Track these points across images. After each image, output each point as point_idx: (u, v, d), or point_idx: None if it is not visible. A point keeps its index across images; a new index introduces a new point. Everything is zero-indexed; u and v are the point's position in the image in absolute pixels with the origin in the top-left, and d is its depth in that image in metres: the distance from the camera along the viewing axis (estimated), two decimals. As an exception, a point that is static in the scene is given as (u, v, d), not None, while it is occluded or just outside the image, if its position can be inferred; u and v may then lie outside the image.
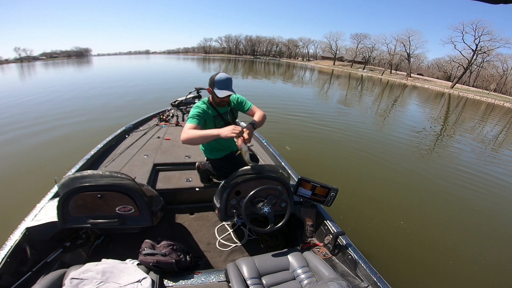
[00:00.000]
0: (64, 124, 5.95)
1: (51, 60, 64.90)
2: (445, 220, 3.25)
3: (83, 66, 34.25)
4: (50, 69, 29.30)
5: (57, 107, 7.65)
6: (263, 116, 1.82)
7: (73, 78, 17.94)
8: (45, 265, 1.42)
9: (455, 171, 5.04)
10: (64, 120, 6.31)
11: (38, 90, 11.68)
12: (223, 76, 1.67)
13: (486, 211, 3.62)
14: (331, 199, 1.76)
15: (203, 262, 1.74)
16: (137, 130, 3.32)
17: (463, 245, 2.81)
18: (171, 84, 13.78)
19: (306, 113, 8.62)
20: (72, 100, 8.84)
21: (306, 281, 1.32)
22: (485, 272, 2.46)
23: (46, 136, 5.15)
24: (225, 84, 1.66)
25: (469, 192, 4.17)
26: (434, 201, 3.71)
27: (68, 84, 13.84)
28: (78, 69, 28.87)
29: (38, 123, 6.03)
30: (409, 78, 42.46)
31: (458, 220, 3.28)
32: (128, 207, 1.43)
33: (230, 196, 1.63)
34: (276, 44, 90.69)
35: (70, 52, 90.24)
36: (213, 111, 1.80)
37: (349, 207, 3.08)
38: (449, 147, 6.90)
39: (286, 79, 22.71)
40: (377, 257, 2.29)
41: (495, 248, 2.84)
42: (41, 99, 9.01)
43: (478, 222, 3.34)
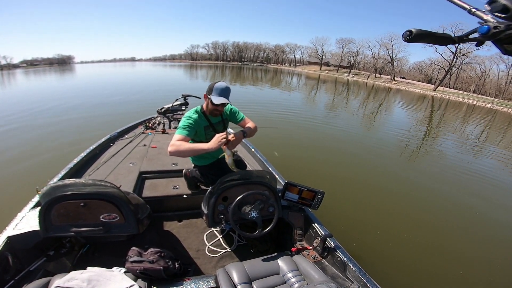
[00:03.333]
0: (46, 134, 5.78)
1: (32, 68, 63.02)
2: (431, 220, 3.32)
3: (65, 74, 33.35)
4: (31, 77, 28.37)
5: (39, 117, 7.42)
6: (255, 128, 1.88)
7: (55, 87, 17.49)
8: (28, 274, 1.39)
9: (439, 171, 5.23)
10: (46, 129, 6.13)
11: (19, 99, 11.32)
12: (223, 84, 1.69)
13: (470, 209, 3.74)
14: (318, 202, 1.78)
15: (192, 269, 1.71)
16: (122, 138, 3.25)
17: (449, 244, 2.87)
18: (157, 92, 13.61)
19: (294, 118, 8.73)
20: (53, 109, 8.57)
21: (297, 284, 1.32)
22: (471, 270, 2.53)
23: (27, 146, 4.99)
24: (223, 93, 1.68)
25: (453, 191, 4.32)
26: (420, 202, 3.81)
27: (50, 93, 13.47)
28: (61, 77, 28.12)
29: (20, 133, 5.85)
30: (393, 81, 43.92)
31: (443, 220, 3.37)
32: (112, 215, 1.41)
33: (218, 202, 1.63)
34: (263, 50, 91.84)
35: (52, 59, 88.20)
36: (205, 121, 1.80)
37: (337, 210, 3.12)
38: (433, 149, 7.15)
39: (273, 85, 22.95)
40: (366, 259, 2.32)
41: (481, 245, 2.94)
42: (22, 108, 8.71)
43: (462, 220, 3.44)
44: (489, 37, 0.26)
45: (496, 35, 0.26)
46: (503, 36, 0.26)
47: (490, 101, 28.93)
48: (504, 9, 0.24)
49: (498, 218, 3.60)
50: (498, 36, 0.26)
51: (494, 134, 11.16)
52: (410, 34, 0.32)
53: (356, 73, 57.44)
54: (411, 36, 0.32)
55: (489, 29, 0.26)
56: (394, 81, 44.32)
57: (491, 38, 0.26)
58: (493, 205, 4.00)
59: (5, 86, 19.73)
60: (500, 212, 3.81)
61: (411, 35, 0.32)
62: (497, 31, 0.26)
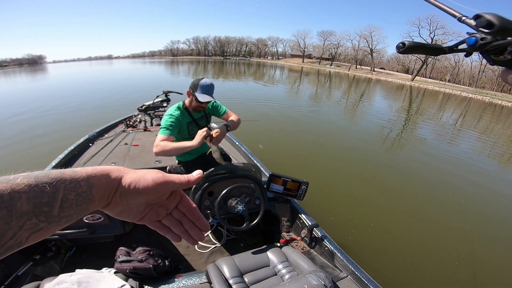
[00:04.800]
0: (19, 138, 5.38)
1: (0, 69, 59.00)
2: (416, 208, 3.40)
3: (37, 75, 31.42)
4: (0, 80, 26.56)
5: (9, 121, 6.87)
6: (238, 120, 1.88)
7: (26, 89, 16.38)
8: (16, 279, 1.35)
9: (421, 158, 5.42)
10: (19, 133, 5.72)
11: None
12: (208, 82, 1.68)
13: (454, 197, 3.84)
14: (303, 193, 1.80)
15: (183, 266, 1.72)
16: (102, 137, 3.13)
17: (435, 232, 2.94)
18: (137, 89, 13.13)
19: (278, 111, 8.76)
20: (26, 112, 7.95)
21: (287, 275, 1.35)
22: (456, 257, 2.59)
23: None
24: (208, 90, 1.67)
25: (436, 178, 4.44)
26: (404, 190, 3.89)
27: (20, 95, 12.61)
28: (32, 78, 26.45)
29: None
30: (373, 72, 45.07)
31: (427, 208, 3.43)
32: (96, 216, 1.38)
33: (203, 198, 1.63)
34: (245, 44, 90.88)
35: (21, 60, 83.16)
36: (187, 117, 1.79)
37: (323, 201, 3.17)
38: (414, 136, 7.42)
39: (257, 79, 22.86)
40: (353, 248, 2.37)
41: (468, 231, 3.02)
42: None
43: (448, 209, 3.50)
44: (476, 48, 0.27)
45: (483, 47, 0.27)
46: (490, 47, 0.28)
47: (465, 90, 30.44)
48: (489, 24, 0.26)
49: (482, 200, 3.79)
50: (485, 47, 0.27)
51: (470, 120, 11.80)
52: (403, 46, 0.33)
53: (338, 65, 58.38)
54: (404, 48, 0.33)
55: (476, 41, 0.28)
56: (374, 72, 45.52)
57: (478, 49, 0.28)
58: (479, 188, 4.19)
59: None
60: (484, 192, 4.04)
61: (404, 47, 0.33)
62: (484, 42, 0.27)
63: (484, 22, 0.26)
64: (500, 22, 0.25)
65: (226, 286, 1.22)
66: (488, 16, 0.26)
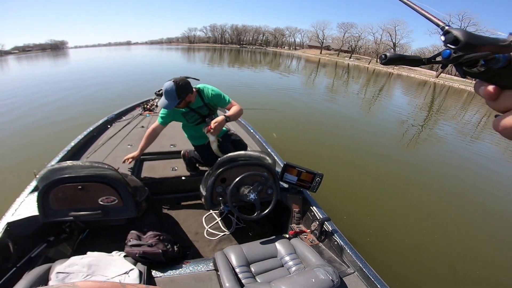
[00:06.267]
0: (42, 117, 5.72)
1: (24, 54, 61.38)
2: (430, 207, 3.30)
3: (59, 59, 32.49)
4: (24, 63, 27.66)
5: (36, 101, 7.30)
6: (239, 111, 1.86)
7: (50, 72, 17.03)
8: (29, 261, 1.38)
9: (438, 157, 5.21)
10: (41, 113, 6.05)
11: (14, 84, 11.09)
12: (166, 86, 1.64)
13: (472, 197, 3.72)
14: (317, 185, 1.76)
15: (191, 252, 1.73)
16: (120, 120, 3.19)
17: (449, 232, 2.86)
18: (154, 74, 13.36)
19: (294, 101, 8.62)
20: (50, 93, 8.40)
21: (294, 268, 1.33)
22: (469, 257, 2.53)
23: (24, 129, 4.95)
24: (166, 95, 1.65)
25: (456, 179, 4.27)
26: (420, 188, 3.76)
27: (45, 77, 13.17)
28: (55, 62, 27.42)
29: (16, 117, 5.79)
30: (394, 67, 43.18)
31: (443, 206, 3.34)
32: (111, 198, 1.39)
33: (216, 184, 1.61)
34: (262, 33, 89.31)
35: (44, 45, 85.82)
36: (184, 108, 1.82)
37: (335, 194, 3.12)
38: (434, 134, 7.10)
39: (272, 68, 22.51)
40: (363, 244, 2.33)
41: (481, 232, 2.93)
42: (18, 92, 8.58)
43: (467, 211, 3.39)
44: (450, 61, 0.29)
45: (457, 60, 0.29)
46: (463, 60, 0.29)
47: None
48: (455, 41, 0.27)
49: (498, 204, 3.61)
50: (458, 60, 0.29)
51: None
52: (385, 57, 0.35)
53: (357, 58, 56.31)
54: (386, 60, 0.35)
55: (450, 54, 0.29)
56: (396, 67, 43.54)
57: (451, 62, 0.29)
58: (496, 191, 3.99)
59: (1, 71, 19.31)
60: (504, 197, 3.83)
61: (386, 58, 0.35)
62: (457, 55, 0.29)
63: (451, 38, 0.28)
64: (465, 38, 0.26)
65: (233, 275, 1.22)
66: (455, 32, 0.27)
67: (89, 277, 1.08)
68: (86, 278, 1.07)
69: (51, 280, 1.05)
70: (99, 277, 1.10)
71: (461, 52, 0.28)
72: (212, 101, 1.88)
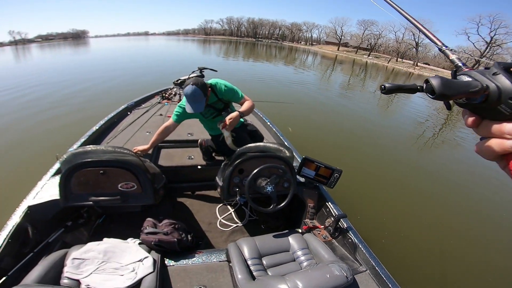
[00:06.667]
0: (66, 102, 5.93)
1: (46, 43, 63.43)
2: (449, 210, 3.22)
3: (81, 47, 33.42)
4: (46, 51, 28.64)
5: (59, 87, 7.58)
6: (252, 106, 1.86)
7: (72, 60, 17.61)
8: (46, 246, 1.39)
9: (459, 164, 5.01)
10: (66, 98, 6.30)
11: (38, 70, 11.55)
12: (189, 91, 1.59)
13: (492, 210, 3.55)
14: (335, 181, 1.73)
15: (204, 242, 1.74)
16: (139, 107, 3.26)
17: (467, 235, 2.80)
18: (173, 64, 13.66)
19: (309, 96, 8.52)
20: (72, 79, 8.74)
21: (306, 263, 1.33)
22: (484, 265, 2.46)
23: (47, 113, 5.14)
24: (191, 99, 1.62)
25: (475, 186, 4.13)
26: (435, 194, 3.66)
27: (68, 65, 13.68)
28: (76, 50, 28.23)
29: (40, 101, 6.02)
30: (415, 67, 41.53)
31: (460, 216, 3.24)
32: (130, 184, 1.39)
33: (233, 174, 1.60)
34: (279, 28, 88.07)
35: (66, 34, 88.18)
36: None
37: (350, 192, 3.06)
38: (453, 137, 6.82)
39: (288, 63, 22.23)
40: (376, 243, 2.28)
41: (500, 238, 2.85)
42: (42, 78, 8.90)
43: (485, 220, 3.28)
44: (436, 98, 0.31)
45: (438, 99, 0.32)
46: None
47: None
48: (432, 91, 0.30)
49: None
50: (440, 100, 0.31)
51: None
52: (385, 88, 0.38)
53: (376, 56, 54.52)
54: (385, 90, 0.38)
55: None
56: (417, 67, 41.86)
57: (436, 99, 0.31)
58: None
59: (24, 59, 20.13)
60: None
61: (385, 89, 0.38)
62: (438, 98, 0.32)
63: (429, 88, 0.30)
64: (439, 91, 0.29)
65: (245, 266, 1.22)
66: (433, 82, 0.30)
67: (104, 263, 1.09)
68: (101, 265, 1.08)
69: (67, 266, 1.07)
70: (113, 264, 1.10)
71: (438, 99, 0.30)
72: (225, 96, 1.86)
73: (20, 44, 60.12)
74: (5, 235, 1.22)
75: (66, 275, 1.05)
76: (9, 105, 5.79)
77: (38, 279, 0.97)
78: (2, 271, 1.15)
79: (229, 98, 1.88)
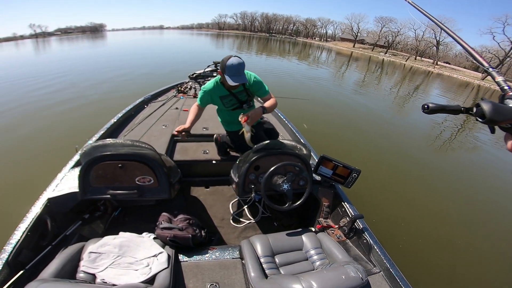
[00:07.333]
0: (83, 95, 6.08)
1: (65, 36, 65.25)
2: (467, 215, 3.12)
3: (98, 41, 34.21)
4: (65, 44, 29.46)
5: (78, 79, 7.79)
6: (275, 104, 1.82)
7: (90, 53, 18.05)
8: (64, 239, 1.41)
9: (480, 166, 4.81)
10: (83, 91, 6.44)
11: (57, 64, 11.87)
12: (235, 62, 1.55)
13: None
14: (352, 181, 1.67)
15: (216, 238, 1.73)
16: (156, 100, 3.29)
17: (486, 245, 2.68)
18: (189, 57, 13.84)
19: (324, 93, 8.41)
20: (90, 72, 8.98)
21: (319, 262, 1.30)
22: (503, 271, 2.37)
23: (66, 105, 5.29)
24: (237, 71, 1.57)
25: (493, 187, 3.99)
26: (453, 196, 3.55)
27: (86, 58, 14.04)
28: (94, 44, 28.92)
29: (59, 93, 6.21)
30: (435, 66, 39.97)
31: (481, 217, 3.15)
32: (147, 178, 1.40)
33: (249, 171, 1.57)
34: (293, 23, 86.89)
35: (84, 27, 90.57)
36: (223, 91, 1.79)
37: (365, 193, 2.98)
38: (471, 140, 6.51)
39: (301, 59, 21.97)
40: (392, 246, 2.22)
41: None
42: (62, 71, 9.16)
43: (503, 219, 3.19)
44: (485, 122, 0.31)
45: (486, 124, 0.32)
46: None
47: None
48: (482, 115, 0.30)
49: None
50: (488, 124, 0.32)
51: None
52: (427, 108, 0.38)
53: (394, 54, 52.91)
54: (428, 110, 0.38)
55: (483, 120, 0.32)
56: (437, 66, 40.23)
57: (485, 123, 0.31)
58: None
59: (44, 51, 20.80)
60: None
61: (428, 108, 0.38)
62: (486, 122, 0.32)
63: (480, 112, 0.30)
64: (490, 115, 0.29)
65: (258, 264, 1.20)
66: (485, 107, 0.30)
67: (119, 258, 1.09)
68: (116, 259, 1.08)
69: (83, 260, 1.07)
70: (128, 259, 1.10)
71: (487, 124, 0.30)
72: (252, 87, 1.82)
73: (40, 37, 62.10)
74: (24, 227, 1.23)
75: (83, 269, 1.06)
76: (32, 95, 6.00)
77: (55, 273, 0.98)
78: (20, 264, 1.15)
79: (255, 90, 1.85)
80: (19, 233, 1.20)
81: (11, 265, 1.10)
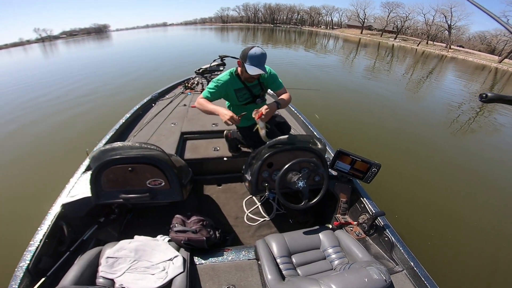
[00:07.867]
0: (92, 98, 6.13)
1: (71, 38, 66.28)
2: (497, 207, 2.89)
3: (103, 42, 34.52)
4: (72, 47, 29.91)
5: (86, 82, 7.88)
6: (289, 99, 1.76)
7: (95, 54, 18.23)
8: (81, 244, 1.41)
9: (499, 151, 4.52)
10: (91, 94, 6.50)
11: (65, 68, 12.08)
12: (258, 51, 1.49)
13: None
14: (372, 176, 1.58)
15: (231, 238, 1.70)
16: (163, 98, 3.28)
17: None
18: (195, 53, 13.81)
19: (334, 82, 8.20)
20: (97, 74, 9.08)
21: (337, 261, 1.25)
22: None
23: (77, 108, 5.35)
24: (259, 61, 1.50)
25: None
26: (485, 184, 3.29)
27: (92, 60, 14.19)
28: (99, 45, 29.21)
29: (69, 96, 6.31)
30: (449, 49, 38.27)
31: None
32: (158, 180, 1.37)
33: (262, 169, 1.51)
34: (297, 12, 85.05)
35: (89, 29, 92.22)
36: (238, 84, 1.71)
37: (385, 187, 2.85)
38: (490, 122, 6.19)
39: (308, 47, 21.48)
40: (416, 244, 2.08)
41: None
42: (70, 74, 9.32)
43: None
44: None
45: None
46: None
47: None
48: None
49: None
50: None
51: None
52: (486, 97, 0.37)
53: (404, 39, 51.06)
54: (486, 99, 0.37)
55: None
56: (451, 50, 38.48)
57: None
58: None
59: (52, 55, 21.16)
60: None
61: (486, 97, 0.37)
62: None
63: None
64: None
65: (274, 265, 1.16)
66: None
67: (136, 262, 1.09)
68: (133, 263, 1.08)
69: (101, 265, 1.07)
70: (144, 263, 1.10)
71: None
72: (267, 80, 1.76)
73: (47, 41, 63.52)
74: (41, 234, 1.23)
75: (101, 274, 1.06)
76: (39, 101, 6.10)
77: (75, 279, 0.98)
78: (41, 271, 1.16)
79: (269, 84, 1.78)
80: (37, 240, 1.20)
81: (32, 272, 1.10)
